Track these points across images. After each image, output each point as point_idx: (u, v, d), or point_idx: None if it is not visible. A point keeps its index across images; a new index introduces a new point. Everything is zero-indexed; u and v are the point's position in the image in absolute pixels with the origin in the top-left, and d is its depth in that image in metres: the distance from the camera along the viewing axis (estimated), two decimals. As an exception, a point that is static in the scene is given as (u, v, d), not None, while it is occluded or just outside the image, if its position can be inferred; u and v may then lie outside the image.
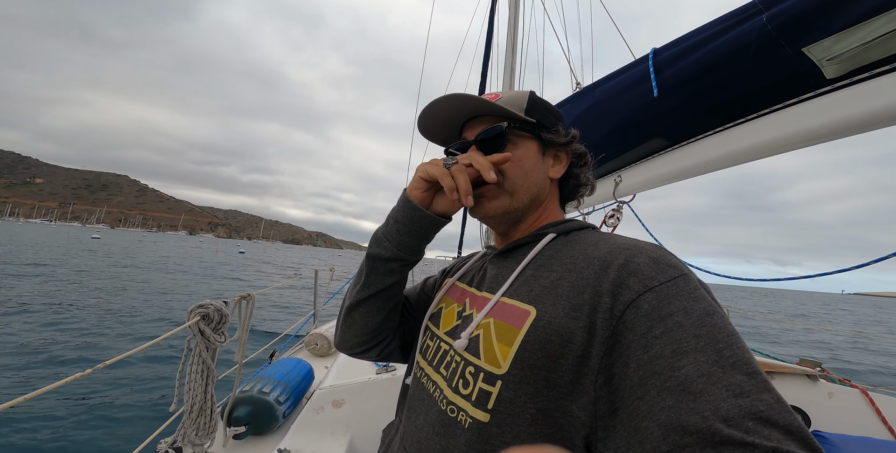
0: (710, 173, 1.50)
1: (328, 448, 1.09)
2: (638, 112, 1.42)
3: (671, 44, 1.29)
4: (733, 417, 0.34)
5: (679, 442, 0.35)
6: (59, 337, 6.42)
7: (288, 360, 1.94)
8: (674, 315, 0.42)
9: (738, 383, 0.36)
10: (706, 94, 1.19)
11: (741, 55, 1.04)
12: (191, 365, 1.07)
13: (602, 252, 0.52)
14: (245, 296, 1.32)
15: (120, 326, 7.52)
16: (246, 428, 1.37)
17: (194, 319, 1.04)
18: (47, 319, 7.51)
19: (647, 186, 1.69)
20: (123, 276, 15.99)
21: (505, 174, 0.63)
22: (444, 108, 0.66)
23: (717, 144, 1.30)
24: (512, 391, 0.48)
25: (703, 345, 0.39)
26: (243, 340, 1.30)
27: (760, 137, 1.16)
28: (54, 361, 5.19)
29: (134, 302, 10.25)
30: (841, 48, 0.86)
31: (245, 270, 27.60)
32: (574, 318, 0.47)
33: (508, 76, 3.84)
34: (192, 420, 1.08)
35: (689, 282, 0.45)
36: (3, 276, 12.72)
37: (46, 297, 9.76)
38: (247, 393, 1.48)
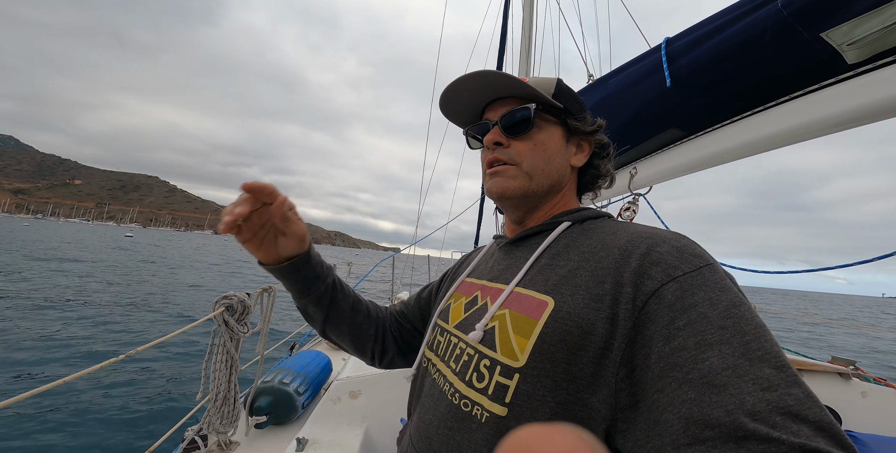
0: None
1: (344, 438, 1.12)
2: (652, 103, 1.39)
3: (684, 32, 1.26)
4: (759, 411, 0.33)
5: (700, 436, 0.34)
6: (95, 328, 6.80)
7: (307, 352, 1.99)
8: (698, 306, 0.40)
9: (766, 376, 0.35)
10: (721, 82, 1.16)
11: (756, 42, 1.01)
12: (216, 355, 1.12)
13: (622, 241, 0.50)
14: (267, 289, 1.37)
15: (150, 316, 7.92)
16: (267, 417, 1.43)
17: (219, 310, 1.09)
18: (88, 313, 7.95)
19: (664, 178, 1.65)
20: (155, 272, 16.73)
21: (525, 156, 0.62)
22: (468, 87, 0.64)
23: (735, 134, 1.27)
24: (530, 384, 0.47)
25: (728, 337, 0.37)
26: (265, 331, 1.34)
27: (780, 125, 1.12)
28: (82, 351, 5.51)
29: (162, 295, 10.73)
30: (862, 32, 0.82)
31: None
32: (595, 309, 0.46)
33: (523, 74, 3.81)
34: (216, 408, 1.14)
35: (715, 273, 0.43)
36: (50, 272, 13.46)
37: (82, 293, 10.30)
38: (268, 384, 1.54)
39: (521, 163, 0.62)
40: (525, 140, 0.62)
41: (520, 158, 0.62)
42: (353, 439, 1.11)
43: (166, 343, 6.24)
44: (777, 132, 1.13)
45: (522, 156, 0.62)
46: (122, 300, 9.80)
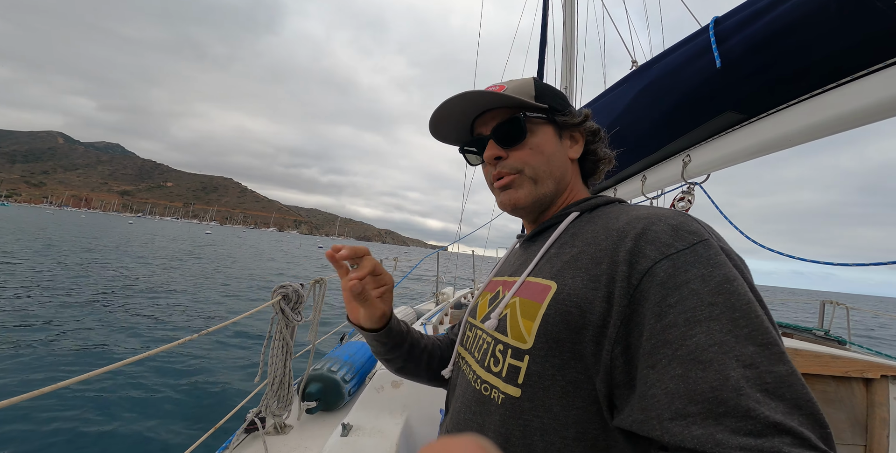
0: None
1: (386, 425, 1.17)
2: (702, 86, 1.30)
3: (735, 10, 1.16)
4: (741, 388, 0.34)
5: (682, 411, 0.36)
6: (179, 311, 7.78)
7: (356, 343, 2.10)
8: (690, 282, 0.41)
9: (750, 354, 0.36)
10: (781, 60, 1.05)
11: (820, 15, 0.91)
12: (273, 342, 1.22)
13: (622, 223, 0.51)
14: (318, 281, 1.46)
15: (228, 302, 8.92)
16: (317, 403, 1.53)
17: (276, 298, 1.19)
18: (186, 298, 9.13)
19: (723, 164, 1.53)
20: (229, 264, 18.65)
21: (527, 162, 0.64)
22: (453, 110, 0.67)
23: (804, 114, 1.14)
24: (539, 365, 0.49)
25: (717, 314, 0.38)
26: (316, 320, 1.44)
27: (859, 102, 1.00)
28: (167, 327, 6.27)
29: (236, 285, 11.99)
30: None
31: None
32: (592, 289, 0.48)
33: (567, 66, 3.67)
34: (273, 392, 1.24)
35: (709, 248, 0.43)
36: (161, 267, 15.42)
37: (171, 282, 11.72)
38: (318, 372, 1.65)
39: (524, 169, 0.64)
40: (522, 147, 0.64)
41: (521, 165, 0.64)
42: (393, 427, 1.16)
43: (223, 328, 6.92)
44: (855, 110, 1.00)
45: (524, 163, 0.64)
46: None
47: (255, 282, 13.40)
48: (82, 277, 10.73)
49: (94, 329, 6.12)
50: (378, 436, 1.11)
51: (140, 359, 0.89)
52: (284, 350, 1.29)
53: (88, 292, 8.98)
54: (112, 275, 11.68)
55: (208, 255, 23.93)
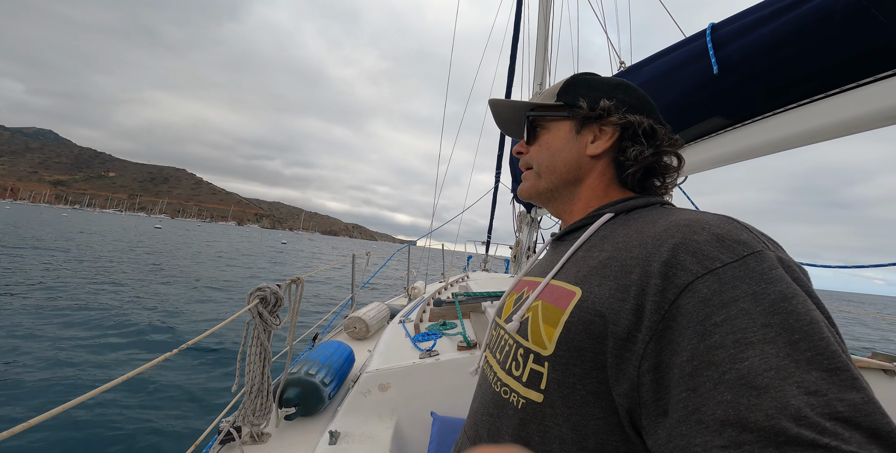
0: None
1: (375, 430, 1.12)
2: (695, 90, 1.32)
3: (734, 18, 1.18)
4: (805, 416, 0.30)
5: (737, 439, 0.31)
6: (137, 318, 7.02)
7: (330, 343, 2.01)
8: (739, 301, 0.36)
9: (814, 379, 0.31)
10: (778, 69, 1.08)
11: (823, 27, 0.93)
12: (250, 348, 1.13)
13: (659, 229, 0.47)
14: (295, 280, 1.36)
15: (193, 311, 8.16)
16: (296, 409, 1.44)
17: (254, 302, 1.09)
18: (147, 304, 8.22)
19: (704, 167, 1.59)
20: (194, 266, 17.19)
21: (534, 158, 0.69)
22: (496, 112, 0.76)
23: (789, 123, 1.19)
24: (560, 372, 0.47)
25: (773, 336, 0.34)
26: (294, 322, 1.35)
27: (846, 113, 1.04)
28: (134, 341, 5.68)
29: (199, 289, 10.98)
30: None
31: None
32: (620, 299, 0.44)
33: (540, 66, 3.69)
34: (251, 400, 1.15)
35: (763, 261, 0.39)
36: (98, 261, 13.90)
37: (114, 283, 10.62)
38: (295, 375, 1.55)
39: (532, 164, 0.69)
40: (535, 144, 0.69)
41: (531, 161, 0.69)
42: (383, 431, 1.11)
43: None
44: (842, 121, 1.05)
45: (532, 159, 0.69)
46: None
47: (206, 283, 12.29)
48: None
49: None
50: (369, 442, 1.06)
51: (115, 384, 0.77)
52: (262, 356, 1.19)
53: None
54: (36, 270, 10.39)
55: (152, 250, 22.00)
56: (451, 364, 1.26)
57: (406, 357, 1.35)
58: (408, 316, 2.23)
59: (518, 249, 4.58)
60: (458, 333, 1.58)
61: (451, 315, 1.99)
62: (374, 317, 3.12)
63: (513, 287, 0.76)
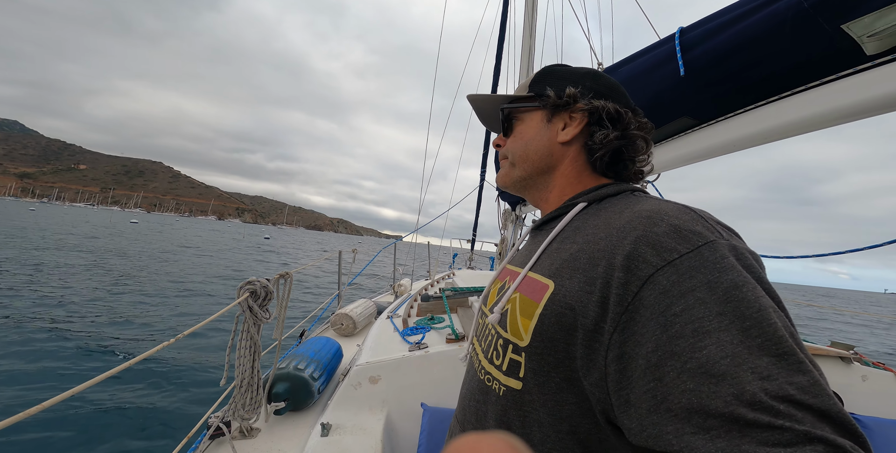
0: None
1: (366, 422, 1.16)
2: (665, 92, 1.40)
3: (700, 22, 1.25)
4: (760, 401, 0.33)
5: (704, 425, 0.34)
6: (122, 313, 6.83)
7: (318, 339, 2.03)
8: (696, 290, 0.39)
9: (766, 365, 0.34)
10: (737, 72, 1.16)
11: (776, 33, 1.01)
12: (240, 342, 1.14)
13: (623, 220, 0.49)
14: (283, 275, 1.38)
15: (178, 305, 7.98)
16: (285, 403, 1.47)
17: (244, 296, 1.11)
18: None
19: (674, 165, 1.67)
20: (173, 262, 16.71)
21: (509, 149, 0.72)
22: (477, 108, 0.80)
23: (748, 122, 1.28)
24: (535, 362, 0.50)
25: (727, 324, 0.36)
26: (282, 317, 1.37)
27: (796, 114, 1.13)
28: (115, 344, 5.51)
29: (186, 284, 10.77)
30: (884, 24, 0.83)
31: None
32: (587, 292, 0.46)
33: (526, 63, 3.75)
34: (241, 394, 1.17)
35: (716, 251, 0.41)
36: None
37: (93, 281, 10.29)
38: (284, 370, 1.58)
39: (508, 155, 0.72)
40: (511, 136, 0.73)
41: (507, 152, 0.72)
42: (374, 423, 1.15)
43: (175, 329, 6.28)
44: (792, 121, 1.14)
45: (508, 150, 0.72)
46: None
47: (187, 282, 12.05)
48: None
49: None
50: (360, 434, 1.09)
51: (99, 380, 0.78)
52: (252, 350, 1.21)
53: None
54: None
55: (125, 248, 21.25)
56: (440, 356, 1.31)
57: (395, 350, 1.39)
58: (395, 311, 2.27)
59: (503, 247, 4.65)
60: (445, 327, 1.63)
61: (438, 309, 2.03)
62: (361, 313, 3.14)
63: (497, 274, 0.79)
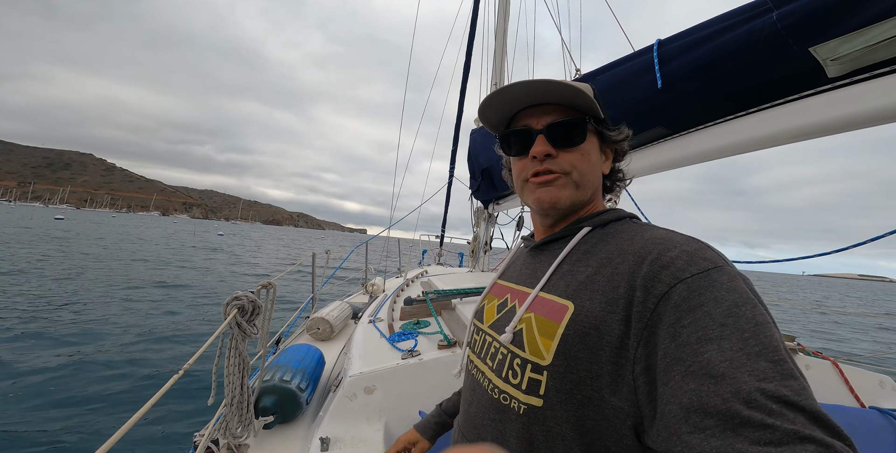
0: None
1: (365, 433, 1.14)
2: (641, 101, 1.46)
3: (677, 36, 1.32)
4: (755, 400, 0.35)
5: (699, 425, 0.36)
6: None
7: (299, 346, 1.97)
8: (704, 305, 0.42)
9: (763, 369, 0.36)
10: (711, 86, 1.24)
11: (749, 51, 1.08)
12: (227, 359, 1.09)
13: (637, 246, 0.53)
14: (266, 285, 1.32)
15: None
16: (274, 417, 1.42)
17: (232, 312, 1.05)
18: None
19: (646, 172, 1.75)
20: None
21: (576, 166, 0.63)
22: (514, 94, 0.64)
23: (717, 135, 1.37)
24: (558, 380, 0.52)
25: (728, 334, 0.39)
26: (266, 329, 1.31)
27: (761, 130, 1.22)
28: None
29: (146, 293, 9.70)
30: (847, 49, 0.92)
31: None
32: (610, 312, 0.49)
33: (499, 59, 3.79)
34: (231, 413, 1.12)
35: (723, 274, 0.45)
36: None
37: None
38: (269, 383, 1.52)
39: (572, 172, 0.63)
40: (574, 151, 0.63)
41: (570, 168, 0.62)
42: (374, 434, 1.14)
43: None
44: (757, 136, 1.23)
45: (572, 166, 0.62)
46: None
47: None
48: None
49: None
50: (361, 446, 1.08)
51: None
52: (241, 367, 1.16)
53: None
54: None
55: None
56: (435, 363, 1.31)
57: (388, 358, 1.38)
58: (376, 315, 2.24)
59: (476, 244, 4.71)
60: (435, 332, 1.64)
61: (423, 313, 2.03)
62: (338, 316, 3.08)
63: (489, 290, 0.78)
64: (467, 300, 2.03)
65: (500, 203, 3.81)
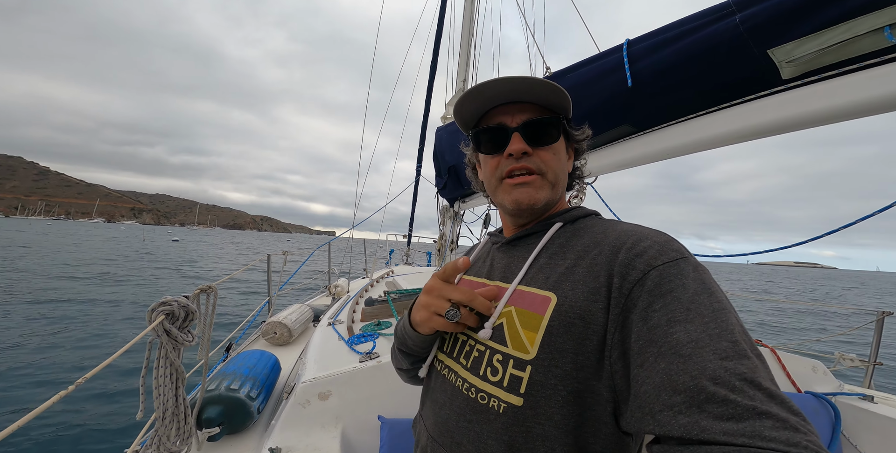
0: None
1: (321, 440, 1.06)
2: (611, 99, 1.47)
3: (646, 36, 1.34)
4: (720, 376, 0.37)
5: (668, 402, 0.38)
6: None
7: (251, 352, 1.83)
8: (673, 291, 0.45)
9: (724, 348, 0.39)
10: (678, 85, 1.26)
11: (713, 52, 1.11)
12: (156, 369, 0.96)
13: (611, 238, 0.55)
14: (205, 289, 1.19)
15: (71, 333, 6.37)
16: (220, 428, 1.29)
17: (158, 319, 0.93)
18: None
19: (612, 169, 1.78)
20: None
21: (550, 166, 0.63)
22: (490, 92, 0.63)
23: (680, 133, 1.40)
24: (542, 374, 0.50)
25: (693, 317, 0.42)
26: (207, 337, 1.18)
27: (720, 129, 1.27)
28: None
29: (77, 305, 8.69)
30: (801, 51, 0.95)
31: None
32: (593, 301, 0.50)
33: (464, 59, 3.77)
34: (165, 426, 0.99)
35: (689, 264, 0.49)
36: None
37: None
38: (214, 392, 1.38)
39: (547, 172, 0.63)
40: (548, 149, 0.63)
41: (546, 168, 0.63)
42: (329, 441, 1.05)
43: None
44: (717, 135, 1.27)
45: (548, 166, 0.63)
46: None
47: None
48: None
49: None
50: None
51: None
52: (174, 377, 1.03)
53: None
54: None
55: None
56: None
57: (344, 361, 1.29)
58: (336, 317, 2.13)
59: (442, 242, 4.66)
60: (397, 332, 1.57)
61: (384, 314, 1.95)
62: (297, 320, 2.91)
63: None
64: None
65: (467, 200, 3.79)
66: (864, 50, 0.88)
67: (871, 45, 0.87)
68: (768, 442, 0.33)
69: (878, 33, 0.84)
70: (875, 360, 2.38)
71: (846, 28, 0.85)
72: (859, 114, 0.95)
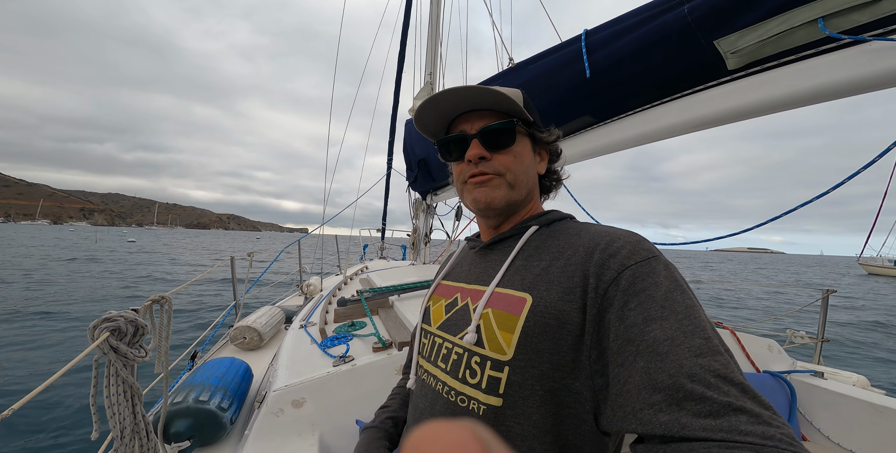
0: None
1: (298, 449, 1.04)
2: (571, 90, 1.49)
3: (602, 26, 1.35)
4: (696, 374, 0.39)
5: (649, 400, 0.39)
6: None
7: (220, 361, 1.76)
8: (647, 289, 0.47)
9: (698, 345, 0.41)
10: (633, 76, 1.29)
11: (664, 42, 1.14)
12: (107, 388, 0.90)
13: (585, 239, 0.56)
14: (157, 300, 1.11)
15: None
16: (191, 441, 1.24)
17: (102, 336, 0.86)
18: None
19: (576, 160, 1.81)
20: None
21: (510, 168, 0.65)
22: (449, 100, 0.65)
23: (637, 124, 1.44)
24: (519, 375, 0.51)
25: (667, 314, 0.44)
26: (164, 349, 1.12)
27: (672, 119, 1.30)
28: None
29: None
30: (743, 43, 0.99)
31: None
32: (568, 301, 0.51)
33: (432, 52, 3.71)
34: (125, 445, 0.94)
35: (660, 263, 0.50)
36: None
37: None
38: (181, 405, 1.32)
39: (505, 173, 0.65)
40: (507, 153, 0.65)
41: (504, 169, 0.65)
42: (307, 449, 1.03)
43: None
44: (668, 125, 1.31)
45: (506, 168, 0.65)
46: None
47: None
48: None
49: None
50: None
51: None
52: (130, 394, 0.98)
53: None
54: None
55: None
56: (369, 368, 1.22)
57: (318, 366, 1.26)
58: (308, 318, 2.08)
59: (416, 236, 4.64)
60: (370, 334, 1.54)
61: (358, 314, 1.92)
62: (267, 323, 2.83)
63: (433, 291, 0.76)
64: (405, 296, 1.96)
65: (439, 193, 3.77)
66: (801, 41, 0.92)
67: (806, 37, 0.91)
68: (745, 436, 0.34)
69: (812, 25, 0.89)
70: (823, 336, 2.52)
71: (783, 20, 0.89)
72: (798, 104, 1.00)
